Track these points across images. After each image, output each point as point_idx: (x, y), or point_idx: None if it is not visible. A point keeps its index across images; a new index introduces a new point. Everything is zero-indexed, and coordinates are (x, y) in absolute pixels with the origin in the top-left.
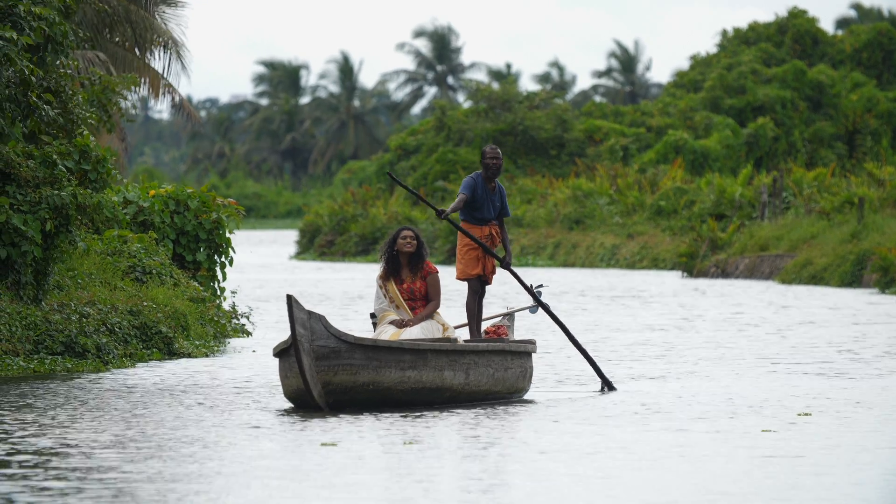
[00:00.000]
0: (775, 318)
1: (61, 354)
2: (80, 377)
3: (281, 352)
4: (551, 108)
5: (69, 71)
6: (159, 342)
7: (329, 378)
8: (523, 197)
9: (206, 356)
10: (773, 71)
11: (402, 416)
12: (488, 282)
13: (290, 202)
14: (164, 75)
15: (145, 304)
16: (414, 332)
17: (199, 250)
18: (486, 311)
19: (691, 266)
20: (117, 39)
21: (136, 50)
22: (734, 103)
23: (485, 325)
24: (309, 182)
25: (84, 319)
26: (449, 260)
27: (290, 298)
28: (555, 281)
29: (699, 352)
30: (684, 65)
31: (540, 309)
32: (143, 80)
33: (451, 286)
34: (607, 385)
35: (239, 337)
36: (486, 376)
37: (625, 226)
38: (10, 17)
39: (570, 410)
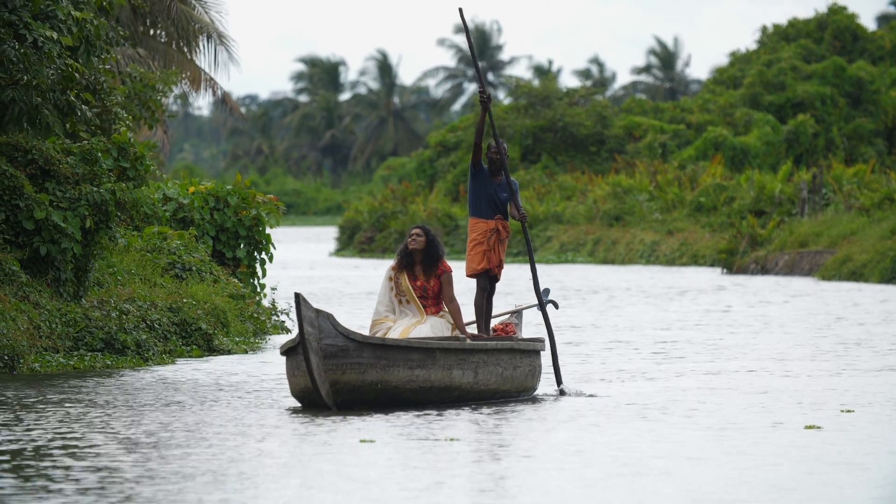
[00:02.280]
0: (818, 313)
1: (101, 351)
2: (119, 374)
3: (288, 350)
4: (591, 105)
5: (108, 66)
6: (199, 339)
7: (337, 377)
8: (563, 193)
9: (246, 353)
10: (813, 67)
11: (436, 414)
12: (497, 277)
13: (330, 199)
14: (209, 68)
15: (185, 300)
16: (423, 331)
17: (239, 247)
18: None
19: (731, 262)
20: (159, 32)
21: (180, 44)
22: (774, 100)
23: (493, 323)
24: (349, 179)
25: (124, 316)
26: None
27: (297, 296)
28: (592, 278)
29: (737, 349)
30: (724, 61)
31: (549, 305)
32: (184, 74)
33: (464, 283)
34: (560, 384)
35: (278, 333)
36: (495, 375)
37: (664, 222)
38: (50, 18)
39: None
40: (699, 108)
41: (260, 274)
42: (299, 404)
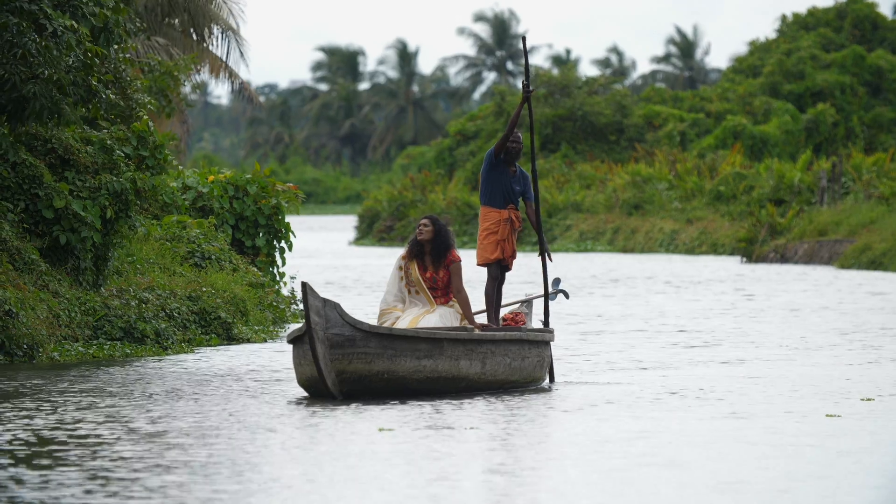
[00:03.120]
0: (839, 302)
1: (120, 340)
2: (139, 362)
3: (295, 339)
4: (610, 94)
5: (128, 55)
6: (218, 328)
7: (343, 366)
8: (582, 182)
9: (265, 341)
10: (833, 56)
11: (453, 403)
12: (508, 267)
13: (349, 188)
14: (224, 60)
15: (204, 289)
16: (431, 321)
17: (259, 235)
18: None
19: (750, 251)
20: (175, 22)
21: (194, 34)
22: (793, 89)
23: (503, 312)
24: (368, 168)
25: (143, 305)
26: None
27: (304, 285)
28: (612, 267)
29: (758, 337)
30: (743, 50)
31: (560, 295)
32: (203, 62)
33: (474, 272)
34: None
35: (298, 322)
36: (503, 366)
37: (684, 211)
38: (70, 7)
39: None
40: (718, 97)
41: (279, 262)
42: (306, 394)
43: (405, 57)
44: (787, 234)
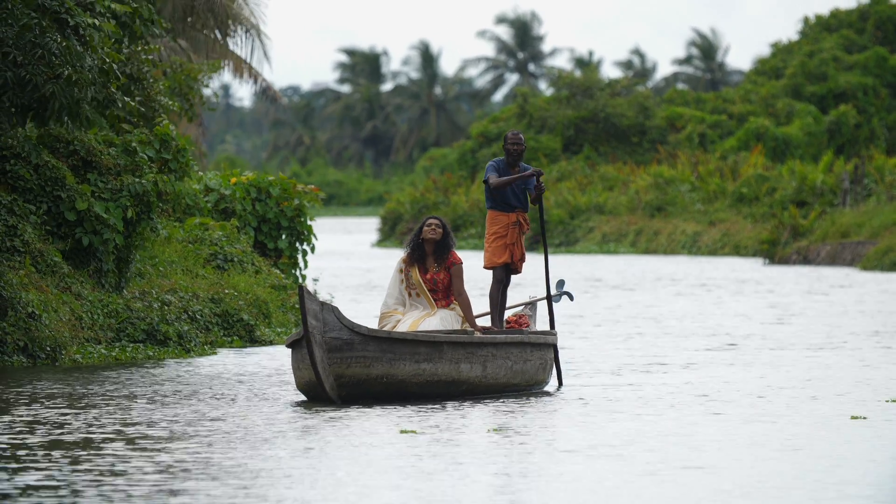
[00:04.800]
0: (863, 303)
1: (143, 342)
2: (162, 365)
3: (293, 343)
4: (633, 96)
5: (151, 56)
6: (241, 330)
7: (341, 370)
8: (605, 184)
9: None
10: (855, 58)
11: (472, 404)
12: (517, 270)
13: (372, 190)
14: (247, 60)
15: (227, 291)
16: (432, 324)
17: (281, 237)
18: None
19: (773, 253)
20: (198, 26)
21: (217, 33)
22: (816, 90)
23: (507, 314)
24: (390, 169)
25: (166, 307)
26: (532, 247)
27: (301, 289)
28: (637, 268)
29: (783, 338)
30: (765, 52)
31: (564, 297)
32: (225, 63)
33: (480, 275)
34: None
35: None
36: (505, 369)
37: (706, 213)
38: (91, 8)
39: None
40: (741, 99)
41: (302, 265)
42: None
43: (427, 58)
44: (810, 235)
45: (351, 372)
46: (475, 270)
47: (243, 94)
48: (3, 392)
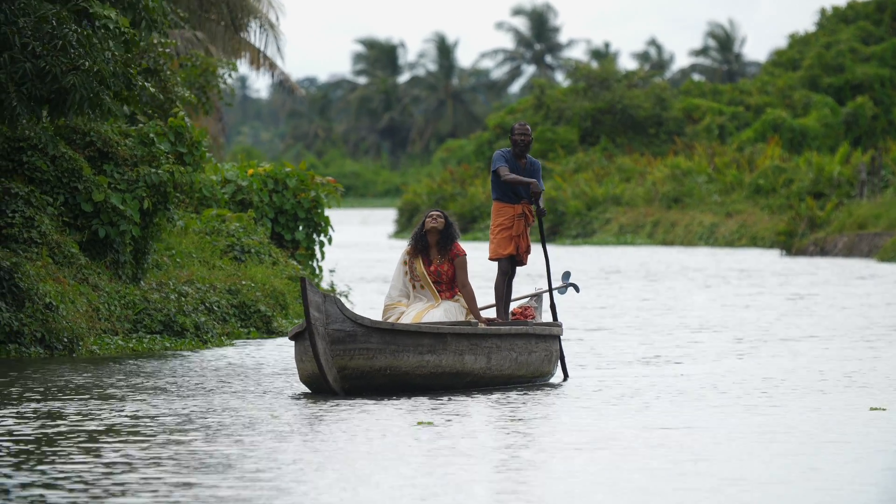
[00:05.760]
0: (881, 294)
1: (160, 333)
2: (179, 356)
3: (296, 335)
4: (650, 87)
5: (168, 50)
6: (258, 321)
7: (345, 363)
8: (622, 175)
9: None
10: (872, 49)
11: (489, 394)
12: (522, 262)
13: (389, 181)
14: (263, 52)
15: (244, 282)
16: (436, 315)
17: (298, 229)
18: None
19: (790, 244)
20: (213, 17)
21: (236, 27)
22: (833, 82)
23: (513, 306)
24: (407, 161)
25: (183, 298)
26: (548, 238)
27: (303, 281)
28: (655, 258)
29: (802, 329)
30: (782, 43)
31: (570, 289)
32: (242, 55)
33: (485, 266)
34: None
35: None
36: (509, 360)
37: (723, 204)
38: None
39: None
40: (758, 91)
41: (319, 256)
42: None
43: (444, 50)
44: (827, 227)
45: (354, 364)
46: (480, 262)
47: (260, 85)
48: (15, 382)
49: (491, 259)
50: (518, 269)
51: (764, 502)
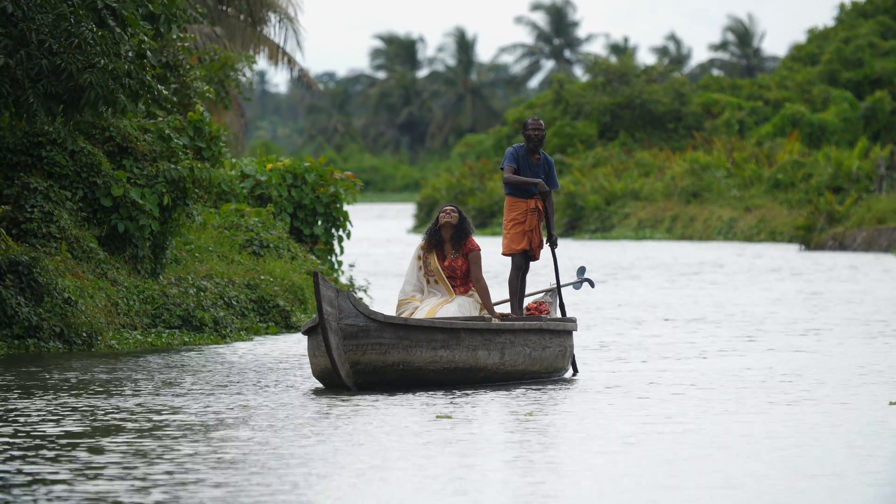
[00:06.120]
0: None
1: (179, 328)
2: (197, 350)
3: (309, 330)
4: (669, 82)
5: (187, 44)
6: (277, 316)
7: (357, 357)
8: (640, 170)
9: None
10: (891, 44)
11: (506, 388)
12: (535, 257)
13: (408, 176)
14: (282, 47)
15: (262, 277)
16: (450, 310)
17: (317, 224)
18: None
19: (809, 239)
20: (231, 12)
21: (254, 22)
22: (852, 76)
23: (527, 301)
24: (426, 156)
25: (201, 293)
26: (567, 233)
27: (316, 275)
28: (674, 253)
29: (819, 325)
30: (801, 38)
31: (585, 284)
32: (261, 49)
33: (499, 261)
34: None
35: None
36: (523, 356)
37: (742, 199)
38: None
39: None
40: (777, 85)
41: (338, 251)
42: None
43: (463, 45)
44: (846, 221)
45: (367, 359)
46: (495, 257)
47: (279, 80)
48: (30, 377)
49: (504, 254)
50: (531, 264)
51: (782, 498)
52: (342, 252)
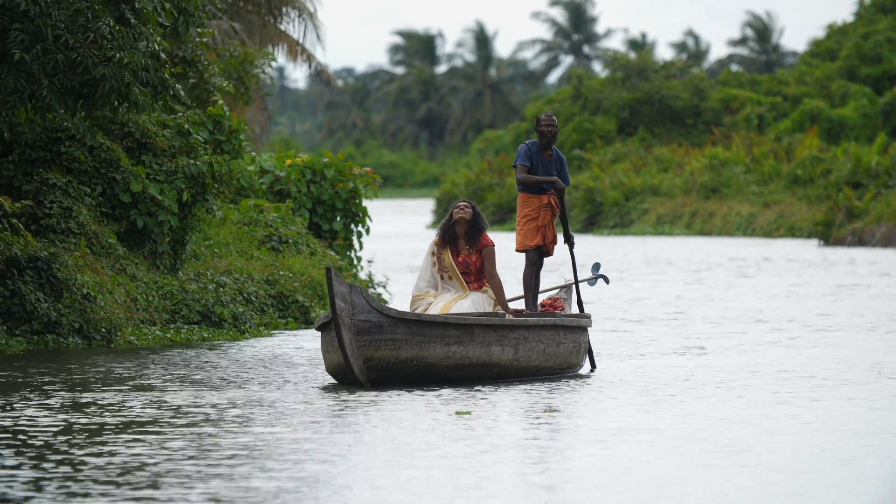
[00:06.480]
0: None
1: (198, 324)
2: (216, 346)
3: (322, 325)
4: (688, 77)
5: (205, 40)
6: (296, 311)
7: (371, 353)
8: (659, 166)
9: None
10: None
11: (537, 385)
12: (549, 253)
13: (427, 171)
14: (301, 43)
15: (281, 273)
16: (464, 306)
17: (336, 219)
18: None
19: (828, 234)
20: (250, 7)
21: (273, 17)
22: (871, 72)
23: (541, 298)
24: (445, 151)
25: (220, 289)
26: (586, 228)
27: (329, 271)
28: (693, 250)
29: (839, 321)
30: (820, 33)
31: (600, 280)
32: (280, 45)
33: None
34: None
35: None
36: (537, 352)
37: (761, 194)
38: None
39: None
40: (796, 81)
41: (357, 246)
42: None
43: (482, 40)
44: (865, 217)
45: (380, 355)
46: (509, 253)
47: (298, 75)
48: (49, 373)
49: (518, 251)
50: (545, 259)
51: (810, 491)
52: (361, 248)
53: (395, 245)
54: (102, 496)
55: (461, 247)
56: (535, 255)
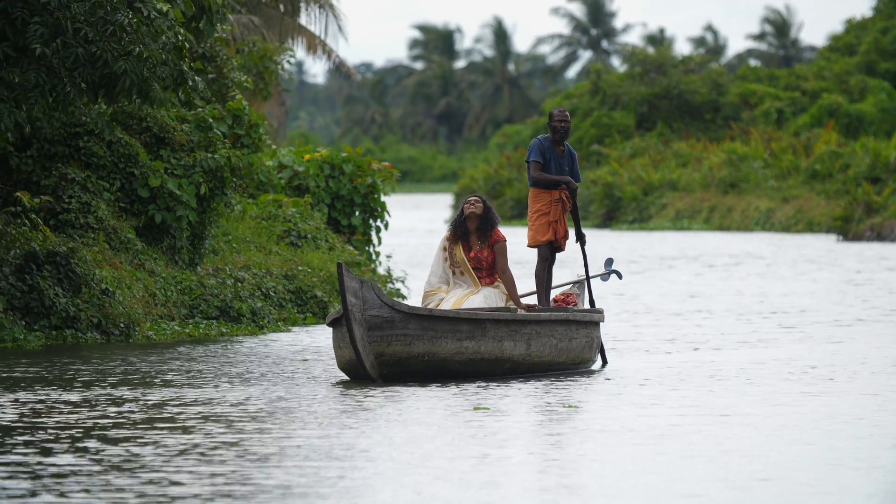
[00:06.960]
0: None
1: (216, 319)
2: (235, 341)
3: (333, 321)
4: (706, 72)
5: (224, 35)
6: (314, 306)
7: (382, 349)
8: (678, 161)
9: None
10: None
11: (542, 379)
12: (561, 248)
13: (445, 166)
14: (321, 37)
15: (300, 268)
16: (476, 301)
17: (354, 214)
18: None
19: (846, 229)
20: (269, 1)
21: (290, 9)
22: (889, 67)
23: (554, 293)
24: (464, 146)
25: (239, 284)
26: (605, 223)
27: (340, 266)
28: (712, 244)
29: (854, 315)
30: (838, 28)
31: (613, 276)
32: (299, 39)
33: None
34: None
35: None
36: (549, 347)
37: (780, 189)
38: None
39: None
40: (814, 76)
41: (375, 241)
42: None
43: (501, 35)
44: (884, 212)
45: (392, 350)
46: (522, 248)
47: (316, 70)
48: (63, 368)
49: (529, 246)
50: (557, 255)
51: (824, 488)
52: (380, 242)
53: (414, 240)
54: (118, 491)
55: (473, 242)
56: (547, 251)
